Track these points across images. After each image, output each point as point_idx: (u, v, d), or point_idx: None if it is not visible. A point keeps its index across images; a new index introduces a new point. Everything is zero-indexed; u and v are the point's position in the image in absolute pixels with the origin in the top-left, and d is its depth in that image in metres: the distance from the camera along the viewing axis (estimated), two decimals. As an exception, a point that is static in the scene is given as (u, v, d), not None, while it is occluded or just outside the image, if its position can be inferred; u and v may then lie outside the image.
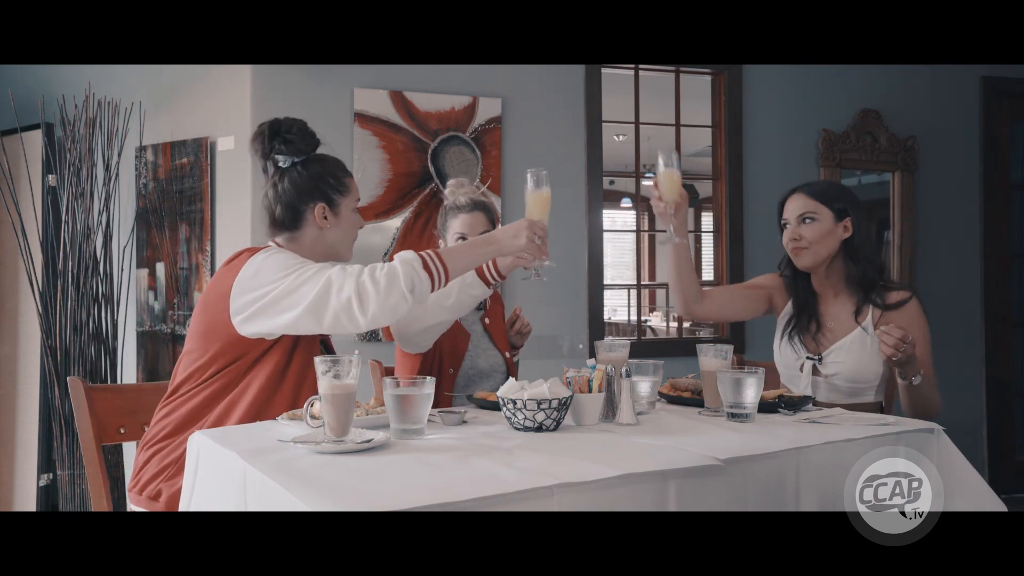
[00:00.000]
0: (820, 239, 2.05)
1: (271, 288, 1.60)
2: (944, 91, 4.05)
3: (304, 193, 1.77)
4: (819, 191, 2.08)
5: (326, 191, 1.77)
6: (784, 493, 1.35)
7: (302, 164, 1.78)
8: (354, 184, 1.85)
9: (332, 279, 1.57)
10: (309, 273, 1.60)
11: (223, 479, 1.35)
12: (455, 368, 2.11)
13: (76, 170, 3.06)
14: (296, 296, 1.58)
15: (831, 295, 2.11)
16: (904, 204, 3.97)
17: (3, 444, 3.44)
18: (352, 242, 1.85)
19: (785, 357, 2.15)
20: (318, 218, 1.77)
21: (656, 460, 1.26)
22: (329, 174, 1.79)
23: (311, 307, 1.57)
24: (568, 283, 3.44)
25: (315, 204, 1.76)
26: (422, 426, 1.45)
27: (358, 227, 1.86)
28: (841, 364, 2.03)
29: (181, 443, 1.64)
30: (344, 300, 1.55)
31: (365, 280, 1.55)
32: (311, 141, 1.80)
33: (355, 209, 1.84)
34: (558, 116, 3.42)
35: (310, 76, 3.07)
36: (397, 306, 1.57)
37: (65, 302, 3.02)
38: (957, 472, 1.52)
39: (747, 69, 3.70)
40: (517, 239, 1.70)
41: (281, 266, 1.63)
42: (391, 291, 1.55)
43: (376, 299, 1.55)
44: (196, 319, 1.73)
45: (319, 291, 1.57)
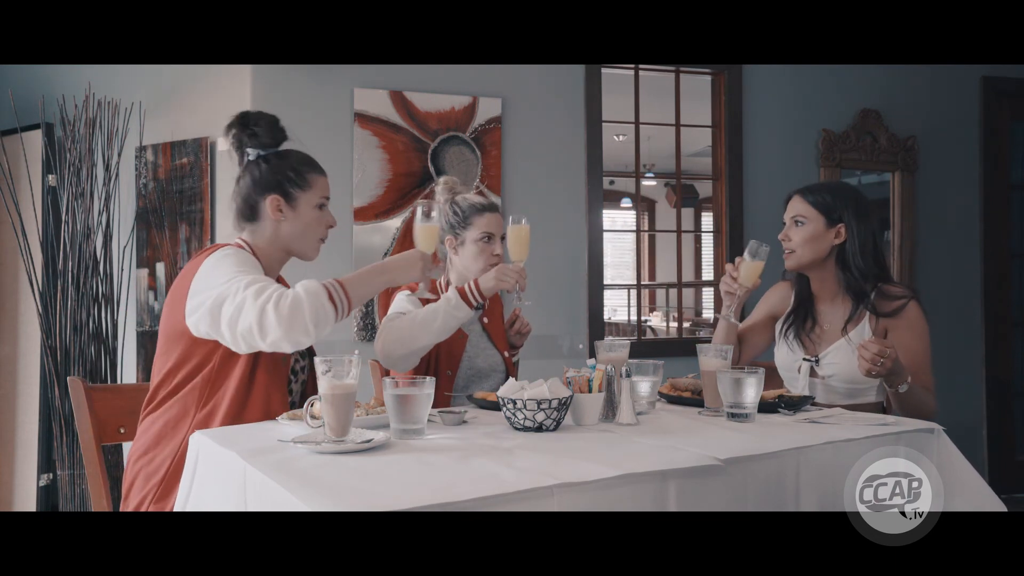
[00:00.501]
0: (805, 243, 2.06)
1: (211, 293, 1.59)
2: (944, 91, 4.05)
3: (260, 186, 1.77)
4: (815, 197, 2.08)
5: (283, 184, 1.76)
6: (784, 493, 1.35)
7: (265, 158, 1.78)
8: (320, 181, 1.81)
9: (245, 302, 1.54)
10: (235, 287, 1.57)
11: (223, 479, 1.35)
12: (453, 370, 2.11)
13: (76, 170, 3.06)
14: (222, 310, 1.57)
15: (828, 297, 2.11)
16: (904, 204, 3.97)
17: (3, 444, 3.44)
18: (315, 240, 1.81)
19: (784, 358, 2.15)
20: (272, 210, 1.75)
21: (656, 460, 1.26)
22: (289, 167, 1.78)
23: (227, 325, 1.56)
24: (568, 283, 3.44)
25: (270, 196, 1.76)
26: (422, 426, 1.45)
27: (324, 225, 1.81)
28: (837, 366, 2.03)
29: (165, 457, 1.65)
30: (245, 327, 1.54)
31: (269, 310, 1.52)
32: (277, 135, 1.80)
33: (320, 207, 1.80)
34: (558, 116, 3.42)
35: (310, 76, 3.07)
36: (299, 339, 1.56)
37: (65, 302, 3.02)
38: (957, 472, 1.52)
39: (747, 69, 3.71)
40: (412, 270, 1.74)
41: (224, 272, 1.61)
42: (294, 323, 1.52)
43: (277, 329, 1.52)
44: (163, 319, 1.73)
45: (232, 311, 1.55)
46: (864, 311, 2.04)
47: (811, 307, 2.14)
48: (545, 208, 3.38)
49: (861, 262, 2.04)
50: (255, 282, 1.57)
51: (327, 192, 1.83)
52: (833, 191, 2.11)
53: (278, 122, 1.81)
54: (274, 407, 1.67)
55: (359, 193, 3.12)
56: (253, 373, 1.67)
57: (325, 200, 1.82)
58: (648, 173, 6.91)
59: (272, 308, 1.51)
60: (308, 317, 1.53)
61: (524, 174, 3.36)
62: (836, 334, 2.06)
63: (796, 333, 2.13)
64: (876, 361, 1.77)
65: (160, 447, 1.67)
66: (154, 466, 1.66)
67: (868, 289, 2.04)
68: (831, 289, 2.10)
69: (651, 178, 7.82)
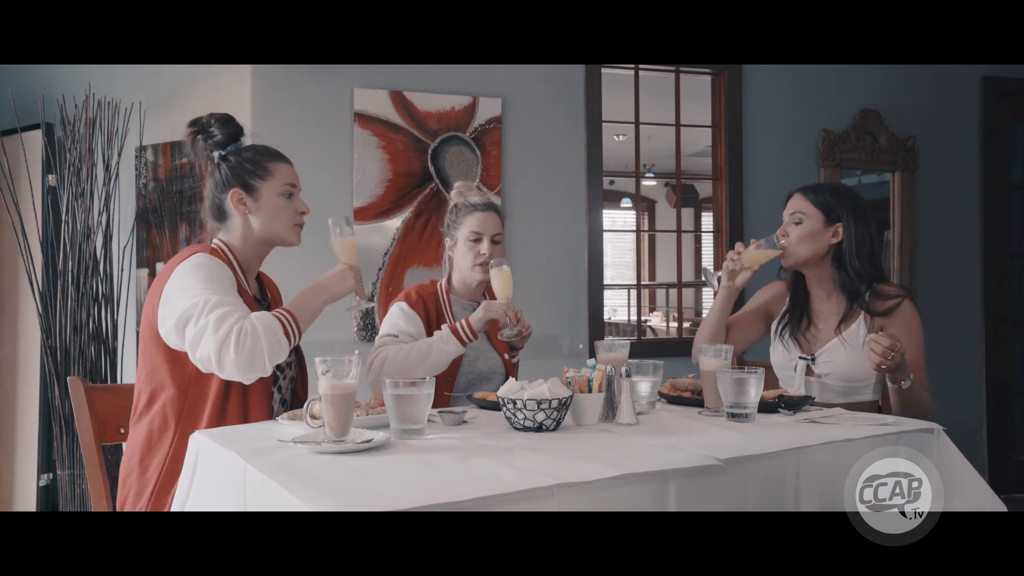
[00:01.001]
0: (802, 240, 2.07)
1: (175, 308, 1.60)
2: (944, 91, 4.05)
3: (220, 184, 1.78)
4: (815, 195, 2.09)
5: (242, 177, 1.76)
6: (784, 493, 1.35)
7: (225, 157, 1.79)
8: (281, 169, 1.79)
9: (206, 330, 1.55)
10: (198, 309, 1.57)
11: (223, 479, 1.35)
12: (452, 375, 2.10)
13: (76, 170, 3.06)
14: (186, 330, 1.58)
15: (824, 296, 2.12)
16: (904, 204, 3.97)
17: (3, 444, 3.44)
18: (287, 227, 1.80)
19: (779, 358, 2.16)
20: (236, 205, 1.76)
21: (656, 460, 1.26)
22: (247, 160, 1.78)
23: (189, 346, 1.58)
24: (568, 283, 3.43)
25: (231, 191, 1.76)
26: (422, 426, 1.45)
27: (294, 211, 1.80)
28: (832, 364, 2.03)
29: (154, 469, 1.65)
30: (204, 356, 1.56)
31: (229, 345, 1.53)
32: (232, 130, 1.80)
33: (286, 194, 1.79)
34: (558, 116, 3.42)
35: (310, 76, 3.07)
36: (256, 375, 1.59)
37: (65, 302, 3.02)
38: (957, 472, 1.52)
39: (747, 69, 3.70)
40: (344, 283, 1.75)
41: (191, 286, 1.61)
42: (253, 361, 1.56)
43: (234, 367, 1.55)
44: (141, 323, 1.73)
45: (194, 336, 1.57)
46: (859, 310, 2.05)
47: (807, 307, 2.15)
48: (545, 208, 3.38)
49: (857, 262, 2.05)
50: (218, 306, 1.57)
51: (291, 179, 1.81)
52: (833, 191, 2.12)
53: (232, 119, 1.81)
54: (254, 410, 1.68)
55: (359, 193, 3.11)
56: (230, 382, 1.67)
57: (290, 187, 1.80)
58: (648, 173, 6.91)
59: (233, 344, 1.53)
60: (266, 354, 1.57)
61: (524, 174, 3.35)
62: (831, 333, 2.07)
63: (791, 332, 2.14)
64: (887, 355, 1.77)
65: (149, 457, 1.67)
66: (145, 478, 1.66)
67: (863, 289, 2.05)
68: (827, 288, 2.11)
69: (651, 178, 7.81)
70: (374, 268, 3.13)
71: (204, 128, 1.80)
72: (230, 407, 1.66)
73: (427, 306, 2.14)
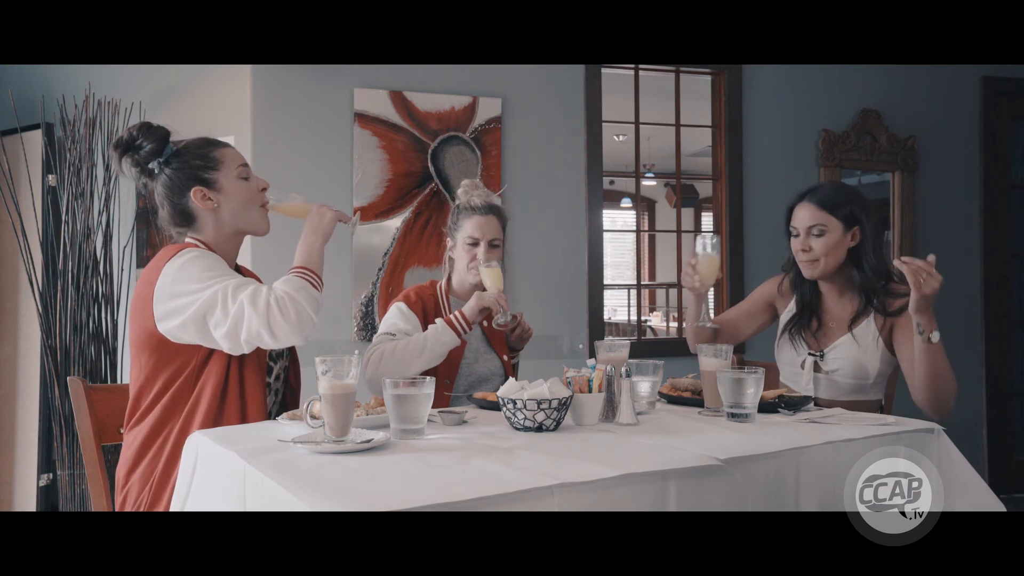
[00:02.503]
0: (829, 251, 2.04)
1: (189, 301, 1.58)
2: (944, 91, 4.05)
3: (177, 188, 1.73)
4: (828, 201, 2.05)
5: (195, 173, 1.73)
6: (784, 493, 1.35)
7: (166, 162, 1.75)
8: (227, 153, 1.76)
9: (243, 310, 1.55)
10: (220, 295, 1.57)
11: (222, 479, 1.35)
12: (451, 378, 2.10)
13: (76, 170, 3.06)
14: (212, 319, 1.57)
15: (835, 294, 2.11)
16: (904, 204, 3.97)
17: (3, 444, 3.44)
18: (255, 211, 1.77)
19: (785, 355, 2.16)
20: (201, 202, 1.73)
21: (656, 460, 1.26)
22: (193, 156, 1.74)
23: (225, 334, 1.58)
24: (568, 283, 3.43)
25: (190, 191, 1.72)
26: (422, 426, 1.45)
27: (254, 191, 1.77)
28: (841, 360, 2.03)
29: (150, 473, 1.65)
30: (253, 333, 1.56)
31: (275, 315, 1.55)
32: (159, 134, 1.75)
33: (241, 176, 1.75)
34: (558, 116, 3.42)
35: (310, 76, 3.07)
36: (309, 333, 1.62)
37: (65, 302, 3.02)
38: (957, 472, 1.52)
39: (747, 69, 3.70)
40: (326, 218, 1.76)
41: (194, 277, 1.60)
42: (302, 322, 1.59)
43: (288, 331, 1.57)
44: (129, 329, 1.72)
45: (230, 321, 1.56)
46: (870, 309, 2.04)
47: (817, 306, 2.14)
48: (545, 208, 3.38)
49: (874, 260, 2.05)
50: (241, 286, 1.58)
51: (241, 160, 1.78)
52: (844, 196, 2.08)
53: (152, 125, 1.76)
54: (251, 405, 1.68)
55: (359, 193, 3.11)
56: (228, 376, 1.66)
57: (244, 168, 1.77)
58: (648, 173, 6.91)
59: (279, 314, 1.56)
60: (310, 311, 1.60)
61: (524, 174, 3.35)
62: (842, 329, 2.06)
63: (801, 331, 2.13)
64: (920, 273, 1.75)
65: (145, 457, 1.66)
66: (142, 479, 1.66)
67: (879, 287, 2.05)
68: (840, 287, 2.10)
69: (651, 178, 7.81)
70: (374, 268, 3.13)
71: (131, 144, 1.74)
72: (228, 403, 1.65)
73: (425, 306, 2.14)
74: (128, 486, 1.68)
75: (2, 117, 3.29)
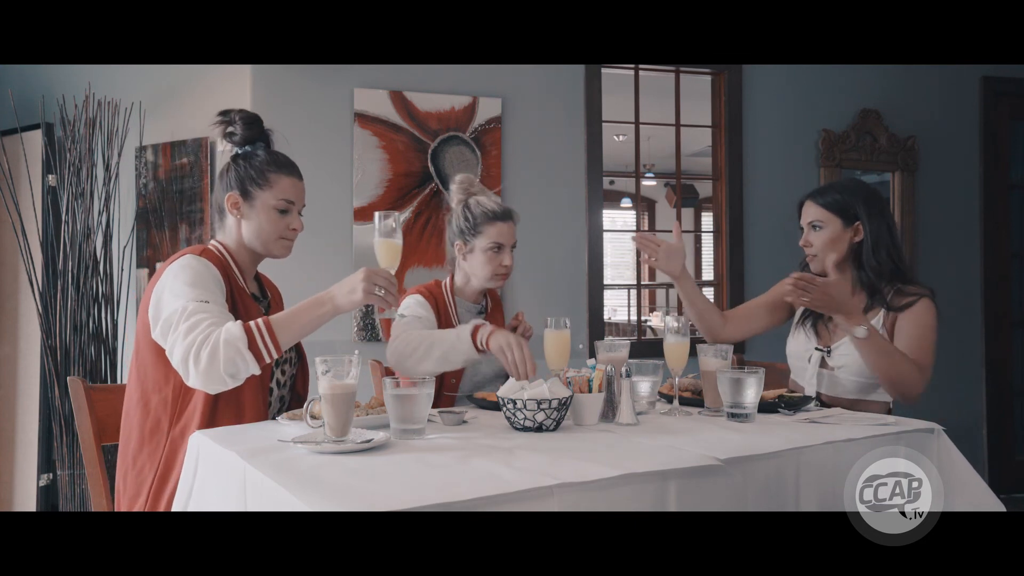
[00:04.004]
0: (826, 246, 2.08)
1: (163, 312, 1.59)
2: (944, 91, 4.05)
3: (224, 184, 1.78)
4: (829, 199, 2.10)
5: (243, 181, 1.75)
6: (784, 493, 1.35)
7: (235, 157, 1.79)
8: (283, 182, 1.75)
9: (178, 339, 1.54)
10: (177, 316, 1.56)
11: (223, 479, 1.35)
12: (457, 378, 2.09)
13: (76, 170, 3.06)
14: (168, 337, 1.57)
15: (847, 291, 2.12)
16: (904, 204, 3.97)
17: (3, 444, 3.44)
18: (274, 240, 1.76)
19: (796, 346, 2.16)
20: (230, 208, 1.76)
21: (656, 460, 1.26)
22: (252, 166, 1.76)
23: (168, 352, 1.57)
24: (568, 283, 3.44)
25: (228, 194, 1.76)
26: (422, 426, 1.45)
27: (284, 227, 1.76)
28: (847, 358, 2.03)
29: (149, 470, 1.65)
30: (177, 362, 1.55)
31: (190, 356, 1.51)
32: (251, 132, 1.78)
33: (280, 208, 1.75)
34: (558, 116, 3.42)
35: (310, 76, 3.07)
36: (218, 388, 1.56)
37: (65, 302, 3.02)
38: (957, 472, 1.52)
39: (747, 69, 3.70)
40: (354, 294, 1.57)
41: (176, 290, 1.60)
42: (211, 374, 1.51)
43: (197, 378, 1.53)
44: (138, 322, 1.73)
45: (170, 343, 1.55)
46: (878, 307, 2.05)
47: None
48: (545, 208, 3.38)
49: (875, 260, 2.05)
50: (193, 313, 1.55)
51: (290, 195, 1.76)
52: (844, 190, 2.12)
53: (256, 120, 1.79)
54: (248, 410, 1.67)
55: (359, 193, 3.11)
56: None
57: (287, 203, 1.76)
58: (648, 173, 6.91)
59: (193, 356, 1.51)
60: (223, 369, 1.51)
61: (524, 174, 3.36)
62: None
63: (814, 322, 2.14)
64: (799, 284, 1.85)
65: (142, 457, 1.66)
66: (141, 478, 1.66)
67: (883, 287, 2.05)
68: (848, 283, 2.11)
69: (651, 178, 7.81)
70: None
71: (229, 122, 1.79)
72: (221, 408, 1.64)
73: (437, 303, 2.14)
74: (127, 481, 1.68)
75: (2, 117, 3.30)
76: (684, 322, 1.84)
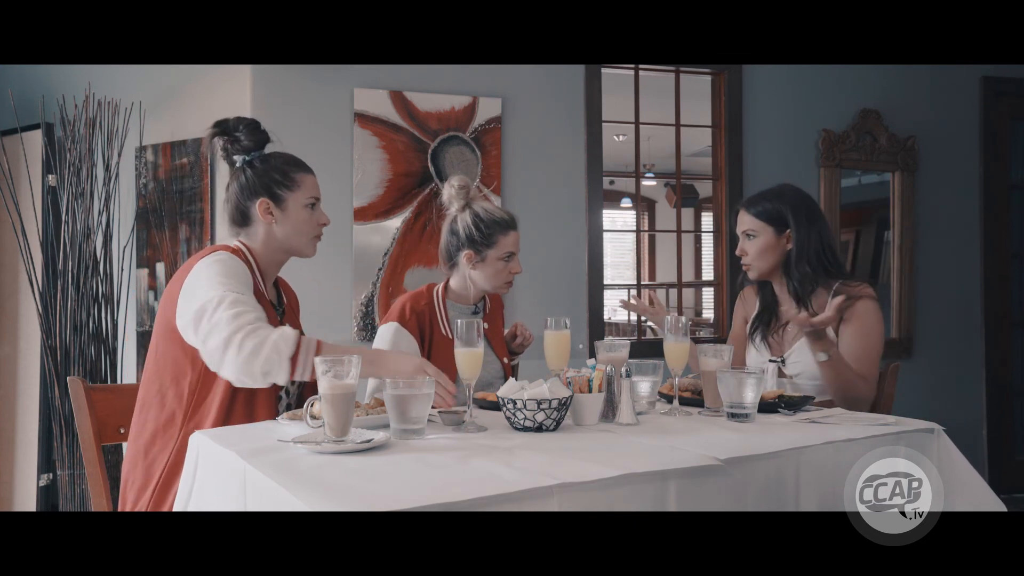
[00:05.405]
0: (758, 255, 2.13)
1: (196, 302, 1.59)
2: (944, 91, 4.05)
3: (248, 190, 1.78)
4: (760, 209, 2.13)
5: (270, 186, 1.77)
6: (784, 493, 1.35)
7: (250, 163, 1.80)
8: (307, 180, 1.82)
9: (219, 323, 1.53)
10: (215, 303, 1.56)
11: (223, 479, 1.35)
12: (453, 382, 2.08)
13: (76, 170, 3.06)
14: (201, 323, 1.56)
15: (787, 296, 2.15)
16: (904, 204, 3.96)
17: (3, 444, 3.44)
18: (308, 238, 1.82)
19: (753, 360, 2.21)
20: (263, 214, 1.77)
21: (656, 460, 1.26)
22: (275, 170, 1.79)
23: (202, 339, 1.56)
24: (568, 283, 3.43)
25: (258, 200, 1.77)
26: (422, 426, 1.45)
27: (316, 224, 1.83)
28: (801, 364, 2.07)
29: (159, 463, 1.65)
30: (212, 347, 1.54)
31: (234, 343, 1.51)
32: (259, 138, 1.80)
33: (310, 206, 1.81)
34: (558, 116, 3.42)
35: (310, 76, 3.07)
36: (248, 384, 1.56)
37: (65, 302, 3.02)
38: (957, 472, 1.52)
39: (747, 69, 3.70)
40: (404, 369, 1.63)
41: (210, 281, 1.61)
42: (248, 365, 1.51)
43: (231, 367, 1.52)
44: (157, 316, 1.73)
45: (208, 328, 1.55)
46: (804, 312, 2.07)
47: (775, 309, 2.19)
48: (545, 208, 3.37)
49: (803, 267, 2.08)
50: (236, 303, 1.56)
51: (315, 191, 1.83)
52: (775, 198, 2.13)
53: (259, 125, 1.82)
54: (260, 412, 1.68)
55: (359, 193, 3.11)
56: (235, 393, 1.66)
57: (314, 199, 1.82)
58: (648, 173, 6.90)
59: (238, 343, 1.51)
60: (260, 366, 1.52)
61: (524, 174, 3.35)
62: (799, 334, 2.08)
63: (763, 335, 2.18)
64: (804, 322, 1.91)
65: (153, 452, 1.67)
66: (149, 473, 1.66)
67: (808, 294, 2.08)
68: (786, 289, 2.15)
69: (651, 178, 7.80)
70: (374, 268, 3.13)
71: (230, 131, 1.79)
72: (236, 407, 1.65)
73: (420, 321, 2.09)
74: (135, 475, 1.68)
75: (2, 117, 3.30)
76: (684, 322, 1.84)
